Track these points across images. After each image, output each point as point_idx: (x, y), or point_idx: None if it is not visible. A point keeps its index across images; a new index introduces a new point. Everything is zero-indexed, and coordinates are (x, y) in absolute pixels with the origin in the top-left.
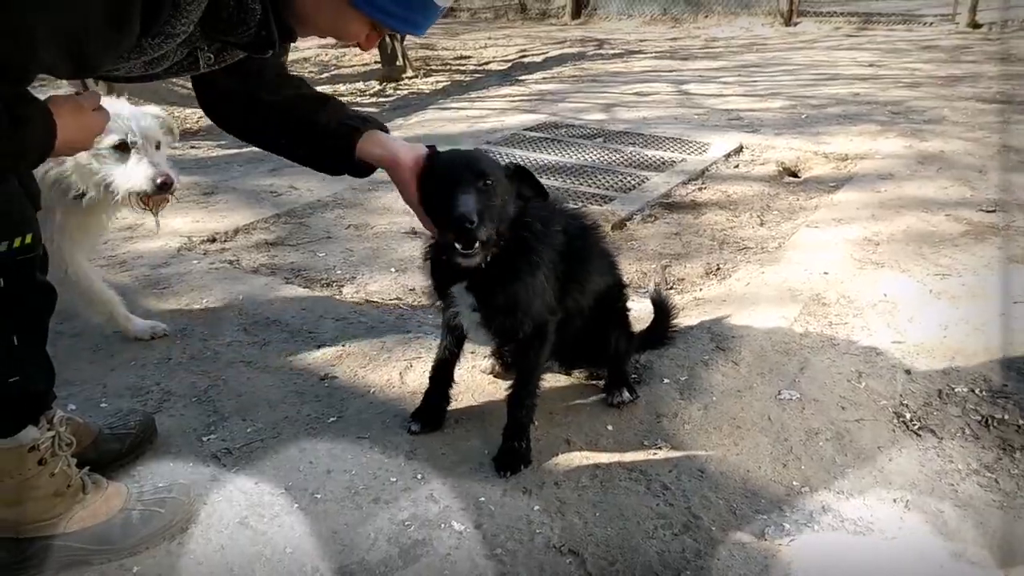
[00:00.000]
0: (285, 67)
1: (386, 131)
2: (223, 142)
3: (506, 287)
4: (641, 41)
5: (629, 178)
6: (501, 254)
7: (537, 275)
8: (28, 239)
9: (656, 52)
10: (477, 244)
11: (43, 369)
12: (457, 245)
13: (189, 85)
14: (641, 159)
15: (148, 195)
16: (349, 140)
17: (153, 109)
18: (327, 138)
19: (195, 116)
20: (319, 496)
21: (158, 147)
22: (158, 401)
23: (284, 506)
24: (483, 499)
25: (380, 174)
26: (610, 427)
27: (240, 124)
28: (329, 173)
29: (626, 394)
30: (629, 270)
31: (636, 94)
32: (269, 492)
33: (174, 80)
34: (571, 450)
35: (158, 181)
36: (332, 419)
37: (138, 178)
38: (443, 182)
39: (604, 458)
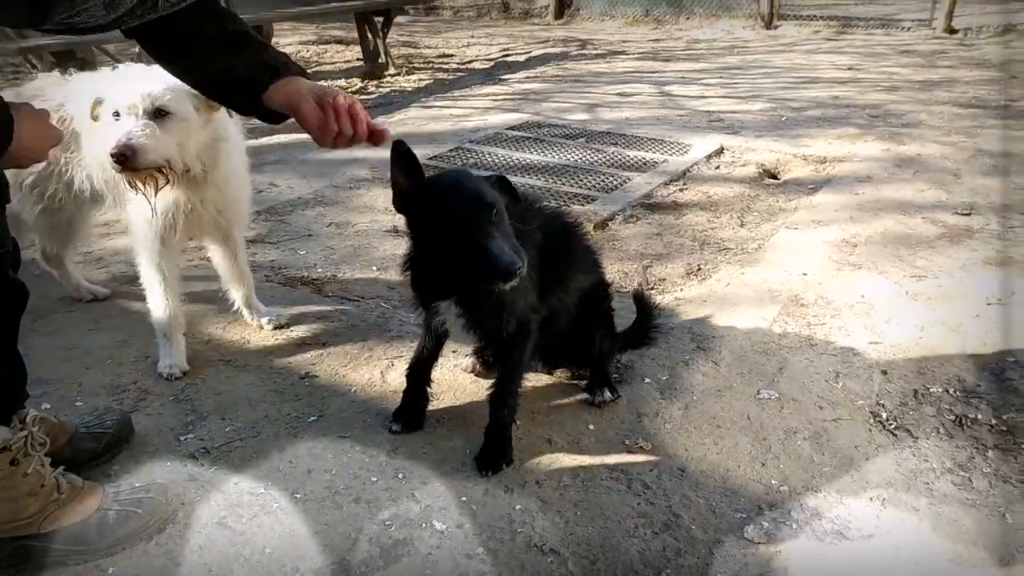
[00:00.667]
0: None
1: (306, 76)
2: None
3: (493, 294)
4: (623, 42)
5: (611, 178)
6: None
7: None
8: None
9: (638, 53)
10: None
11: (14, 368)
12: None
13: None
14: (623, 159)
15: (119, 171)
16: (258, 88)
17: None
18: (239, 82)
19: None
20: (299, 496)
21: (160, 116)
22: (135, 399)
23: (263, 506)
24: (465, 498)
25: (363, 173)
26: (592, 426)
27: (163, 46)
28: (241, 114)
29: (608, 394)
30: (611, 270)
31: (618, 94)
32: (248, 492)
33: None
34: (553, 449)
35: (112, 152)
36: (313, 418)
37: (104, 152)
38: (457, 224)
39: (586, 457)
